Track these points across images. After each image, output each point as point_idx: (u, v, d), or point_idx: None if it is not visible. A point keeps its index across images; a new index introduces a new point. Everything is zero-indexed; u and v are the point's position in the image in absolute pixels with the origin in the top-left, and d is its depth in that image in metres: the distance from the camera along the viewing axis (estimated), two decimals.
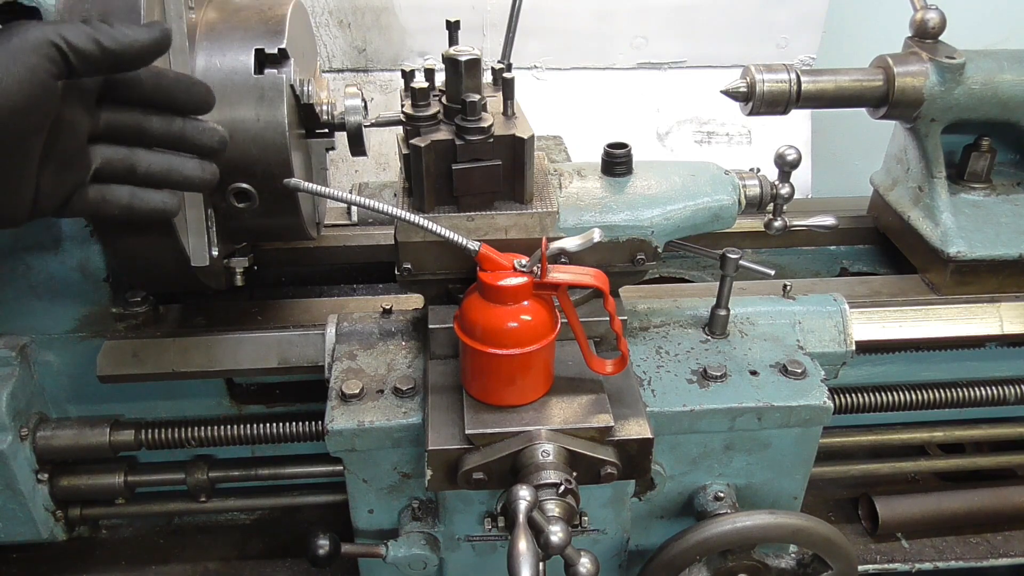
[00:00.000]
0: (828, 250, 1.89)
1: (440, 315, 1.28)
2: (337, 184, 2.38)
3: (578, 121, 2.32)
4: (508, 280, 1.09)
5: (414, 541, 1.32)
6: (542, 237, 1.20)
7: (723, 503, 1.33)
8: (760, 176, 1.34)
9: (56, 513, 1.53)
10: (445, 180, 1.20)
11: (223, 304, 1.52)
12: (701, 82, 2.50)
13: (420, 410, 1.23)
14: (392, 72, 2.44)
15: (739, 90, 1.51)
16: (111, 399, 1.50)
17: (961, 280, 1.57)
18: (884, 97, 1.54)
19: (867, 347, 1.48)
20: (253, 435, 1.49)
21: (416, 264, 1.26)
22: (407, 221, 1.13)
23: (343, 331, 1.38)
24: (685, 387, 1.28)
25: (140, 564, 1.67)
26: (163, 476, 1.59)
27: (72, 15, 1.11)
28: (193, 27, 1.23)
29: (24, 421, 1.43)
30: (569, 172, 1.33)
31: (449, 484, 1.15)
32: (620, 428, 1.16)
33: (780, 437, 1.30)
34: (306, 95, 1.28)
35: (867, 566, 1.68)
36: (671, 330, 1.41)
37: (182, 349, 1.42)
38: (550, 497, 1.07)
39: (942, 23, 1.58)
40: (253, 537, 1.73)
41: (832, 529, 1.28)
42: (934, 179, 1.62)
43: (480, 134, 1.16)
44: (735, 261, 1.33)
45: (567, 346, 1.23)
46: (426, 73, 1.25)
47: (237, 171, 1.22)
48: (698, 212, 1.30)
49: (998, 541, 1.73)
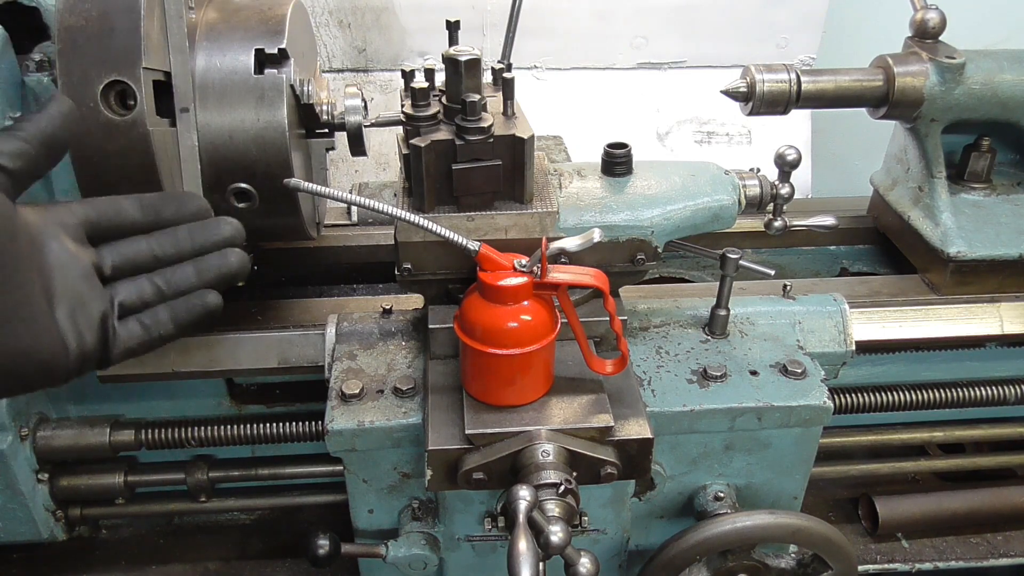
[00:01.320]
0: (828, 250, 1.89)
1: (440, 315, 1.28)
2: (337, 184, 2.38)
3: (578, 121, 2.32)
4: (508, 280, 1.09)
5: (414, 541, 1.32)
6: (542, 237, 1.20)
7: (723, 503, 1.33)
8: (760, 176, 1.34)
9: (56, 513, 1.53)
10: (445, 180, 1.20)
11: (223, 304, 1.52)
12: (701, 82, 2.50)
13: (420, 410, 1.23)
14: (392, 72, 2.44)
15: (739, 90, 1.51)
16: (111, 399, 1.50)
17: (961, 280, 1.57)
18: (884, 97, 1.54)
19: (867, 347, 1.48)
20: (253, 435, 1.49)
21: (416, 264, 1.26)
22: (407, 221, 1.13)
23: (343, 331, 1.38)
24: (685, 387, 1.28)
25: (140, 564, 1.67)
26: (163, 476, 1.59)
27: (72, 15, 1.12)
28: (193, 27, 1.23)
29: (24, 421, 1.43)
30: (569, 172, 1.33)
31: (449, 484, 1.15)
32: (620, 428, 1.16)
33: (780, 437, 1.30)
34: (306, 95, 1.28)
35: (867, 566, 1.68)
36: (671, 330, 1.41)
37: (182, 349, 1.42)
38: (550, 497, 1.07)
39: (942, 23, 1.58)
40: (253, 537, 1.73)
41: (832, 529, 1.28)
42: (934, 179, 1.62)
43: (480, 134, 1.16)
44: (735, 261, 1.33)
45: (567, 346, 1.23)
46: (426, 73, 1.25)
47: (237, 171, 1.22)
48: (698, 212, 1.30)
49: (998, 541, 1.73)
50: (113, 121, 1.14)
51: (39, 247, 0.88)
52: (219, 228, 1.01)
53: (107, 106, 1.13)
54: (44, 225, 0.89)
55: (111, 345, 0.92)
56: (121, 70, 1.12)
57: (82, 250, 0.92)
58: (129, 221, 0.96)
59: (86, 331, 0.89)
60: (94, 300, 0.91)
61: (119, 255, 0.95)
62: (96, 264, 0.93)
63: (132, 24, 1.10)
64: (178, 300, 0.97)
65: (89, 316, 0.90)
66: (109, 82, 1.12)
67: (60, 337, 0.87)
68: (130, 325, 0.94)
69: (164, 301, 0.97)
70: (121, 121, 1.14)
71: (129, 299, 0.94)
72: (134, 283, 0.95)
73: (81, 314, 0.89)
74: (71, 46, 1.12)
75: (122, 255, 0.95)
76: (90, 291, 0.91)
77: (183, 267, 0.98)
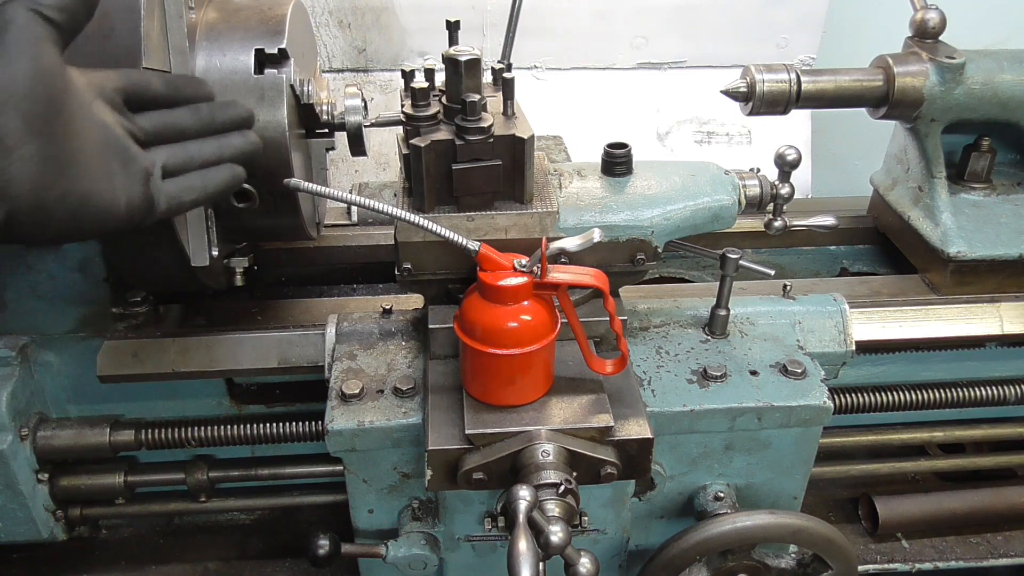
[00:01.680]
0: (828, 250, 1.89)
1: (440, 315, 1.28)
2: (337, 184, 2.38)
3: (578, 121, 2.32)
4: (508, 280, 1.09)
5: (414, 541, 1.32)
6: (542, 237, 1.20)
7: (723, 503, 1.33)
8: (760, 176, 1.34)
9: (56, 513, 1.52)
10: (445, 180, 1.20)
11: (223, 304, 1.52)
12: (701, 82, 2.50)
13: (420, 410, 1.23)
14: (392, 72, 2.44)
15: (739, 90, 1.51)
16: (111, 399, 1.50)
17: (961, 280, 1.57)
18: (884, 97, 1.54)
19: (867, 347, 1.48)
20: (253, 435, 1.49)
21: (416, 264, 1.26)
22: (407, 221, 1.13)
23: (343, 331, 1.38)
24: (685, 387, 1.28)
25: (140, 564, 1.67)
26: (163, 476, 1.59)
27: None
28: (193, 27, 1.23)
29: (24, 421, 1.43)
30: (569, 172, 1.33)
31: (449, 484, 1.15)
32: (620, 428, 1.16)
33: (780, 437, 1.30)
34: (306, 95, 1.29)
35: (867, 566, 1.68)
36: (671, 330, 1.41)
37: (182, 349, 1.42)
38: (550, 497, 1.07)
39: (942, 23, 1.58)
40: (253, 537, 1.73)
41: (832, 529, 1.28)
42: (934, 179, 1.62)
43: (480, 134, 1.16)
44: (735, 261, 1.33)
45: (567, 346, 1.23)
46: (426, 73, 1.25)
47: None
48: (698, 212, 1.30)
49: (998, 541, 1.73)
50: None
51: (88, 105, 0.93)
52: (236, 109, 1.10)
53: None
54: (89, 86, 0.95)
55: (156, 201, 0.99)
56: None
57: (123, 120, 0.99)
58: (157, 94, 1.03)
59: (135, 184, 0.97)
60: (134, 163, 0.98)
61: (152, 123, 1.02)
62: (131, 130, 0.99)
63: (132, 24, 1.10)
64: (208, 168, 1.06)
65: (135, 172, 0.97)
66: None
67: (112, 186, 0.94)
68: (168, 186, 1.01)
69: (193, 169, 1.05)
70: None
71: (165, 163, 1.02)
72: (168, 149, 1.03)
73: (129, 169, 0.96)
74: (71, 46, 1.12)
75: (155, 124, 1.02)
76: (131, 156, 0.98)
77: (208, 141, 1.07)
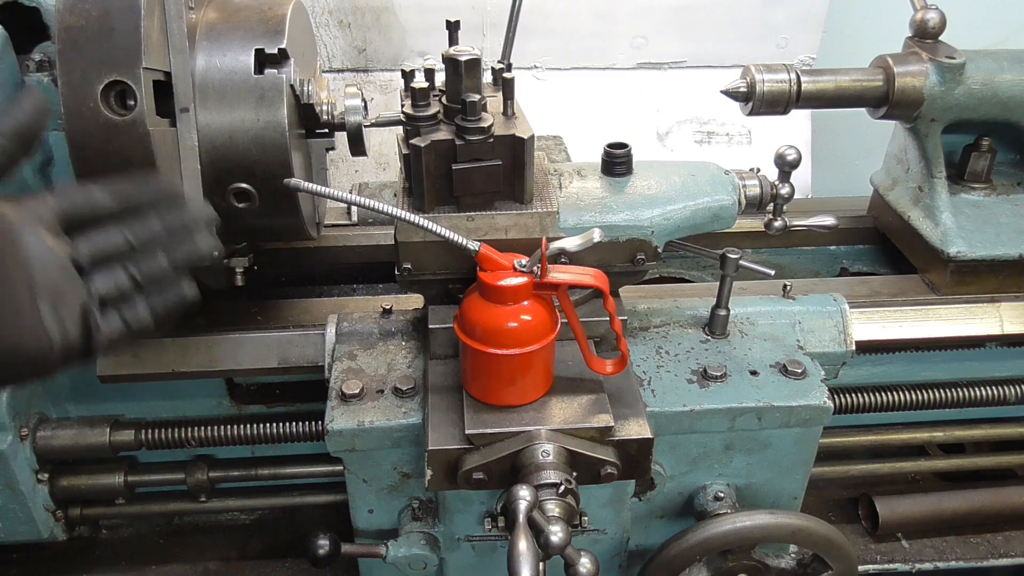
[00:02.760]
0: (828, 250, 1.89)
1: (440, 315, 1.28)
2: (337, 184, 2.38)
3: (578, 121, 2.32)
4: (508, 280, 1.09)
5: (414, 541, 1.32)
6: (542, 237, 1.20)
7: (723, 503, 1.33)
8: (760, 176, 1.34)
9: (56, 513, 1.52)
10: (445, 180, 1.20)
11: (223, 304, 1.52)
12: (701, 82, 2.50)
13: (420, 410, 1.23)
14: (392, 72, 2.44)
15: (739, 90, 1.51)
16: (111, 399, 1.50)
17: (961, 280, 1.57)
18: (884, 97, 1.54)
19: (867, 347, 1.48)
20: (253, 435, 1.49)
21: (416, 264, 1.26)
22: (407, 221, 1.13)
23: (343, 331, 1.38)
24: (685, 387, 1.28)
25: (140, 564, 1.67)
26: (163, 476, 1.59)
27: (72, 15, 1.12)
28: (193, 27, 1.23)
29: (24, 421, 1.43)
30: (569, 172, 1.33)
31: (449, 484, 1.15)
32: (620, 428, 1.16)
33: (780, 437, 1.30)
34: (306, 95, 1.28)
35: (867, 566, 1.68)
36: (671, 330, 1.41)
37: (182, 349, 1.42)
38: (550, 497, 1.07)
39: (942, 23, 1.58)
40: (253, 537, 1.73)
41: (832, 529, 1.28)
42: (934, 179, 1.62)
43: (480, 134, 1.16)
44: (735, 261, 1.33)
45: (567, 346, 1.23)
46: (426, 73, 1.25)
47: (237, 171, 1.22)
48: (698, 212, 1.30)
49: (998, 541, 1.73)
50: (113, 121, 1.14)
51: (17, 241, 0.88)
52: (189, 212, 1.01)
53: (107, 106, 1.13)
54: (20, 218, 0.89)
55: (94, 338, 0.92)
56: (121, 70, 1.12)
57: (58, 243, 0.92)
58: (102, 210, 0.96)
59: (69, 324, 0.90)
60: (74, 293, 0.91)
61: (94, 247, 0.95)
62: (72, 256, 0.93)
63: (132, 24, 1.10)
64: (154, 292, 0.98)
65: (71, 309, 0.90)
66: (109, 82, 1.12)
67: (45, 330, 0.87)
68: (110, 318, 0.94)
69: (140, 290, 0.97)
70: (121, 121, 1.14)
71: (107, 291, 0.95)
72: (111, 274, 0.95)
73: (63, 307, 0.90)
74: (71, 46, 1.12)
75: (97, 246, 0.95)
76: (69, 284, 0.91)
77: (156, 255, 0.98)
